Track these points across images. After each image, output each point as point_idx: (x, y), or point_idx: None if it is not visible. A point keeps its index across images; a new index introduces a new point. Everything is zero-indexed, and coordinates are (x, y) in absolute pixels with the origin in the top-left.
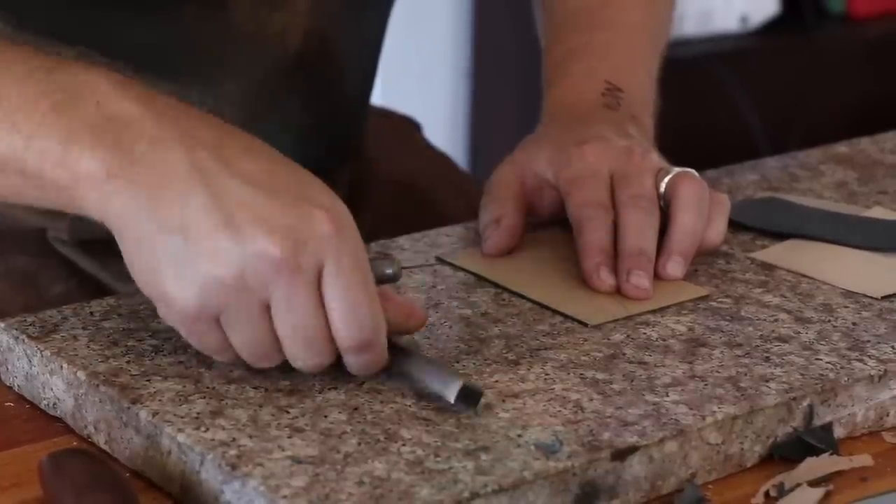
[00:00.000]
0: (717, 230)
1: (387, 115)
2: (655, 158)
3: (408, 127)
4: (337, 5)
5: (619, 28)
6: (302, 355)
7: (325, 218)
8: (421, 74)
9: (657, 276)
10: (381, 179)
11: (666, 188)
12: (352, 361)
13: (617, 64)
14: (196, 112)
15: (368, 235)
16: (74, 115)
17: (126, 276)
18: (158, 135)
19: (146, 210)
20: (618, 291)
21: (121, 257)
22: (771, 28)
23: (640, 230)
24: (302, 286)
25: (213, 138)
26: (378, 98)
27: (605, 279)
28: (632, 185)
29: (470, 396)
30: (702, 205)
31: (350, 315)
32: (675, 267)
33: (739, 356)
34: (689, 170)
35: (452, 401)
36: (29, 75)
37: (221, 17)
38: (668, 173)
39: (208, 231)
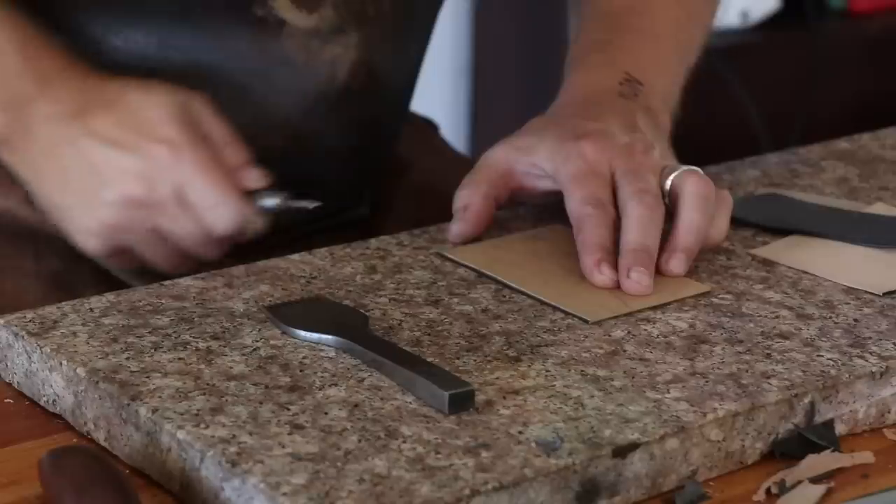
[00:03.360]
0: (720, 228)
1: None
2: (657, 156)
3: (427, 128)
4: (386, 38)
5: (647, 33)
6: (202, 253)
7: (165, 152)
8: (421, 73)
9: (659, 273)
10: (404, 187)
11: (671, 185)
12: (239, 239)
13: (640, 61)
14: (81, 77)
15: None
16: None
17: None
18: (46, 113)
19: (45, 179)
20: (618, 287)
21: (154, 269)
22: (771, 23)
23: (643, 225)
24: (170, 208)
25: (84, 105)
26: None
27: (606, 274)
28: (635, 181)
29: (463, 399)
30: (708, 203)
31: (216, 211)
32: (678, 264)
33: (740, 353)
34: (694, 168)
35: (447, 413)
36: None
37: (275, 44)
38: (672, 171)
39: (88, 190)
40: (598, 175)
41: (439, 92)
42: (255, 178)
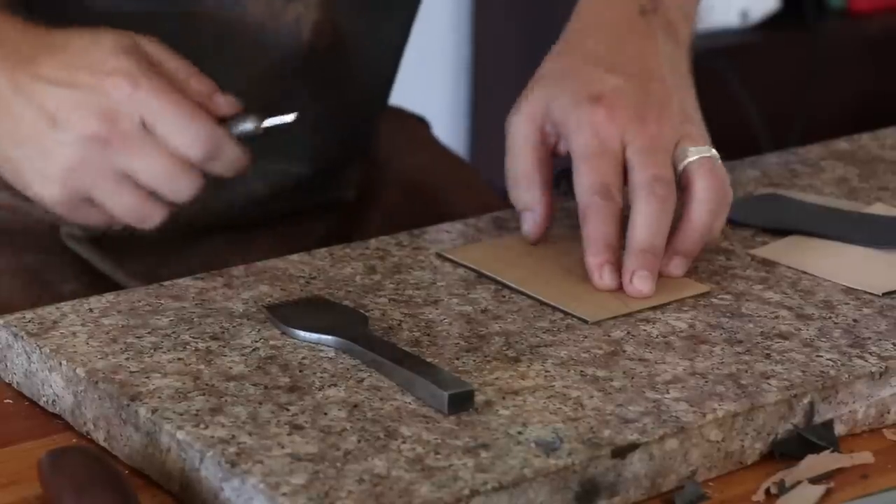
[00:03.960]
0: (719, 228)
1: (396, 113)
2: (673, 121)
3: (417, 125)
4: (351, 1)
5: None
6: (175, 190)
7: (121, 82)
8: (421, 70)
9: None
10: (391, 178)
11: (683, 171)
12: (216, 169)
13: None
14: (21, 30)
15: (378, 233)
16: None
17: (142, 276)
18: None
19: (1, 133)
20: (620, 290)
21: (136, 256)
22: (771, 23)
23: (651, 223)
24: (135, 142)
25: (28, 55)
26: None
27: (608, 281)
28: (648, 165)
29: (462, 400)
30: (719, 204)
31: (184, 133)
32: (678, 267)
33: (740, 353)
34: (710, 153)
35: (446, 413)
36: None
37: (236, 5)
38: (687, 153)
39: (42, 134)
40: (608, 154)
41: (439, 92)
42: (225, 103)
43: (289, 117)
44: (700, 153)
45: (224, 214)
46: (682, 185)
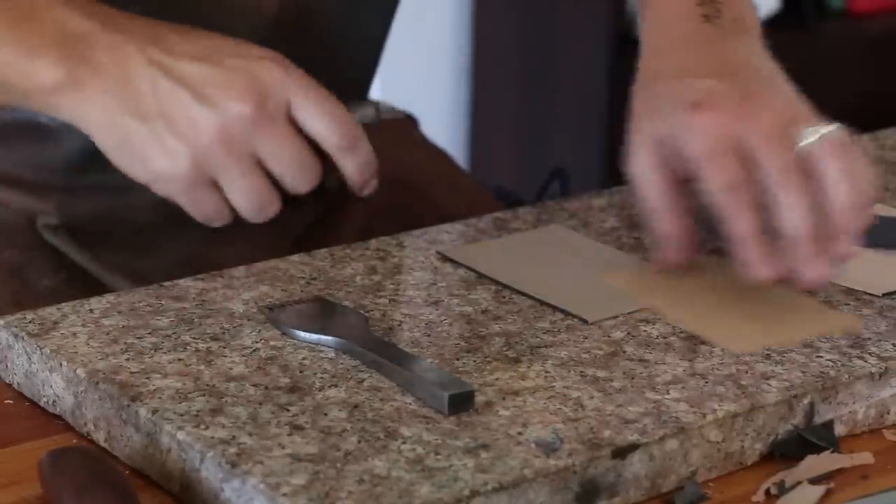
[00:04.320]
0: (866, 202)
1: (384, 110)
2: (778, 106)
3: (405, 122)
4: None
5: None
6: (299, 180)
7: (273, 65)
8: (421, 70)
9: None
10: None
11: (807, 156)
12: (348, 164)
13: None
14: (136, 17)
15: (363, 230)
16: (33, 31)
17: (118, 268)
18: (111, 43)
19: (120, 109)
20: (787, 278)
21: (113, 248)
22: (771, 24)
23: (799, 210)
24: (279, 125)
25: (155, 35)
26: (377, 93)
27: (770, 272)
28: (772, 156)
29: (462, 400)
30: (854, 178)
31: (329, 120)
32: (844, 244)
33: (740, 354)
34: (828, 130)
35: (447, 413)
36: None
37: None
38: (803, 136)
39: (183, 109)
40: (727, 151)
41: (439, 92)
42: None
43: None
44: (818, 132)
45: None
46: (808, 170)
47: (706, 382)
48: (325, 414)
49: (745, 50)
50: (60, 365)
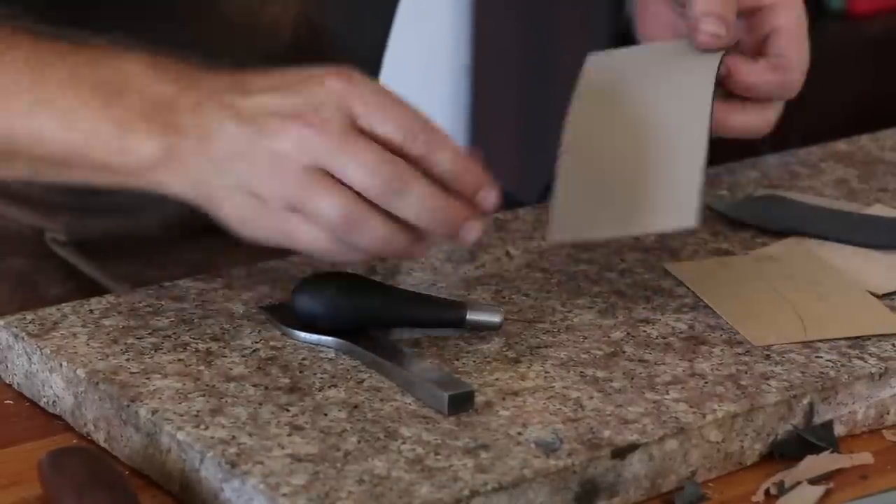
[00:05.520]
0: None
1: None
2: None
3: None
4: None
5: None
6: (387, 185)
7: (331, 78)
8: (420, 70)
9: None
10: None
11: None
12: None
13: None
14: (223, 72)
15: None
16: (123, 106)
17: (125, 278)
18: (192, 102)
19: (216, 170)
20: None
21: (122, 260)
22: None
23: None
24: (349, 136)
25: (232, 81)
26: None
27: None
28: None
29: (462, 401)
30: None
31: (395, 116)
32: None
33: (739, 354)
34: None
35: (446, 414)
36: (74, 75)
37: (215, 11)
38: None
39: (249, 153)
40: None
41: (439, 92)
42: None
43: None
44: None
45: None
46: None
47: (706, 383)
48: (325, 414)
49: None
50: (60, 365)
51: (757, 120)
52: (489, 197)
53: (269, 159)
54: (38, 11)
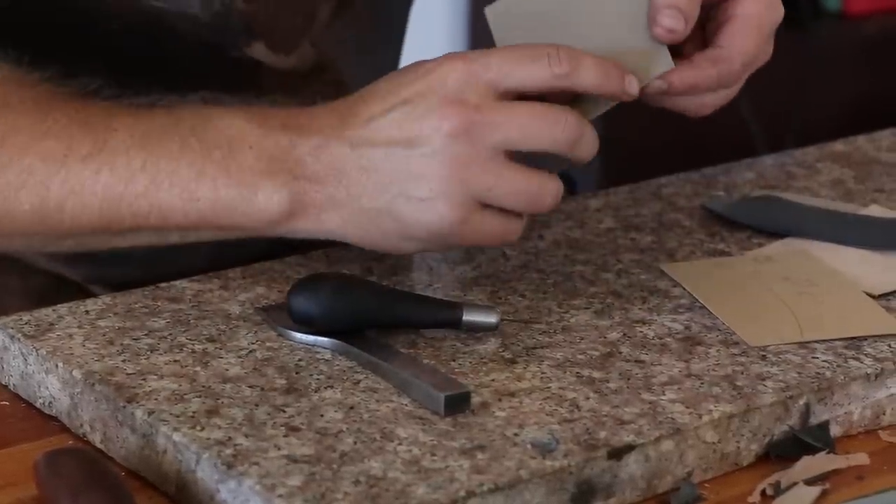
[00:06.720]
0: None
1: None
2: None
3: None
4: (364, 65)
5: None
6: (558, 136)
7: (448, 67)
8: None
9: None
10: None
11: None
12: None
13: None
14: (315, 108)
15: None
16: (240, 166)
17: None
18: (315, 147)
19: (354, 206)
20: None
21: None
22: None
23: None
24: (494, 108)
25: (342, 115)
26: None
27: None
28: None
29: (458, 402)
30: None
31: (523, 56)
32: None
33: (736, 354)
34: None
35: (443, 415)
36: (184, 147)
37: (252, 84)
38: None
39: (405, 165)
40: None
41: None
42: None
43: None
44: None
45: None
46: None
47: (702, 383)
48: (322, 415)
49: None
50: (56, 366)
51: (694, 104)
52: (633, 83)
53: (438, 163)
54: (98, 84)
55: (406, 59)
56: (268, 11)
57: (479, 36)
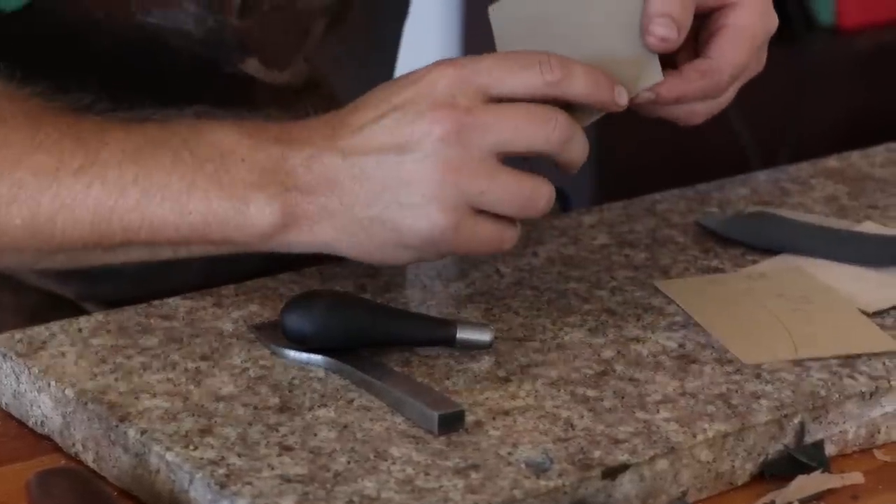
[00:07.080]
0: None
1: None
2: None
3: None
4: (359, 78)
5: None
6: (550, 137)
7: (438, 73)
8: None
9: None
10: None
11: None
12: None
13: None
14: (309, 121)
15: None
16: (232, 180)
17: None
18: (303, 159)
19: (346, 216)
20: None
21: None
22: None
23: None
24: (484, 112)
25: (333, 125)
26: None
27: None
28: None
29: (452, 420)
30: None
31: (514, 63)
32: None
33: (730, 373)
34: None
35: (436, 433)
36: (177, 159)
37: (245, 99)
38: None
39: (397, 171)
40: None
41: None
42: None
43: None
44: None
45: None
46: None
47: (696, 402)
48: (315, 434)
49: None
50: (49, 385)
51: (684, 112)
52: (622, 93)
53: (430, 167)
54: (90, 99)
55: (399, 73)
56: (261, 28)
57: (473, 52)
